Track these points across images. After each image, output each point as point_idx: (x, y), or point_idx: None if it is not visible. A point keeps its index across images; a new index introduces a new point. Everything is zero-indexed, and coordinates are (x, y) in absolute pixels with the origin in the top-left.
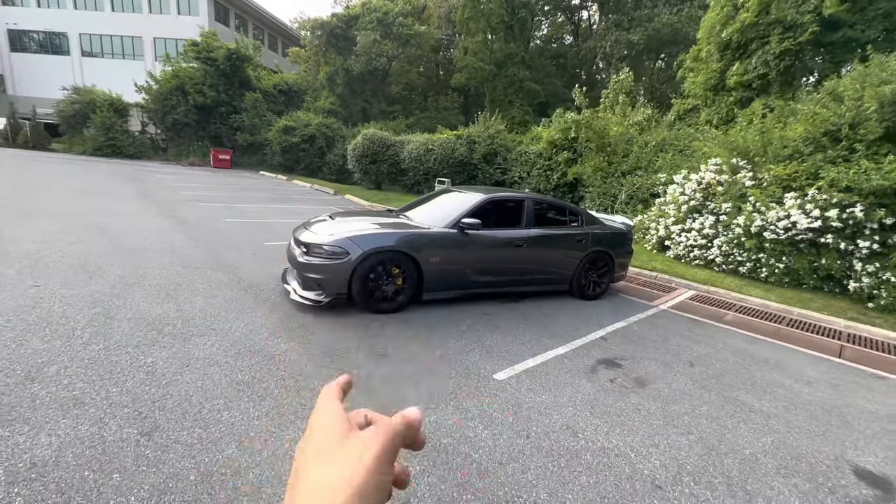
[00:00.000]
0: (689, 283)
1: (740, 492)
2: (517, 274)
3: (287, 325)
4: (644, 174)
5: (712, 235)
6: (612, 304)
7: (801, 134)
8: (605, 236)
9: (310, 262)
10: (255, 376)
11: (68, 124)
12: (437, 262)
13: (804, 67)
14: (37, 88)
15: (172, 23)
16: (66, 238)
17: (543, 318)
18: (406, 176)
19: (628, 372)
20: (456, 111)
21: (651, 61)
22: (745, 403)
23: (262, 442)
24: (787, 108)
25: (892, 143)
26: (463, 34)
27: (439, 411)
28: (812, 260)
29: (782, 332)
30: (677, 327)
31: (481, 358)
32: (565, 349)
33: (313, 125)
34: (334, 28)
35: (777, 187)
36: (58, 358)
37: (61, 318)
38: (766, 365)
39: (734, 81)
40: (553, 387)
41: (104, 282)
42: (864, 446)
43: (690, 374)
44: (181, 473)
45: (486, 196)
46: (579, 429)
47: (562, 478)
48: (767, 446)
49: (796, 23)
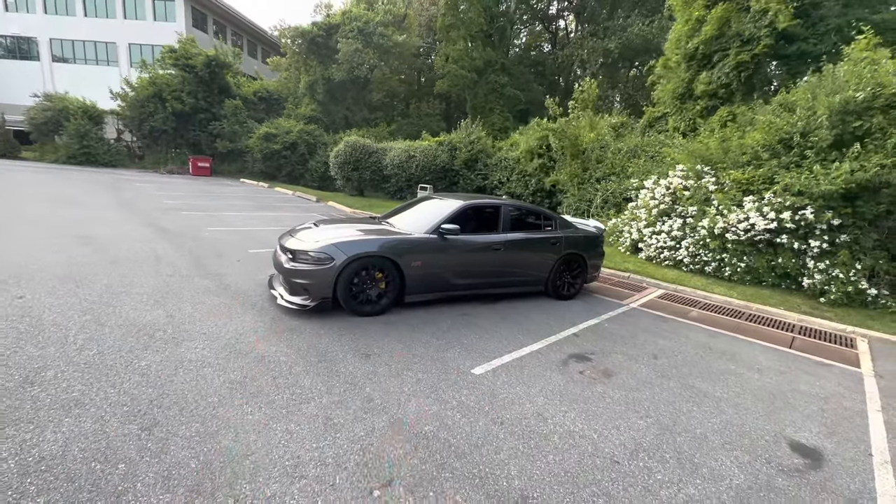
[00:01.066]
0: (658, 283)
1: (688, 464)
2: (495, 276)
3: (275, 329)
4: (617, 180)
5: (680, 237)
6: (585, 303)
7: (758, 141)
8: (578, 239)
9: (296, 268)
10: (247, 376)
11: (39, 132)
12: (418, 266)
13: (764, 78)
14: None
15: (148, 29)
16: (49, 248)
17: (520, 317)
18: (389, 182)
19: (597, 365)
20: (438, 117)
21: (626, 69)
22: (700, 390)
23: (257, 433)
24: (745, 117)
25: (839, 151)
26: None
27: (421, 403)
28: (770, 259)
29: (742, 326)
30: (645, 324)
31: (460, 355)
32: (539, 345)
33: (295, 132)
34: (315, 36)
35: (737, 191)
36: (54, 363)
37: (53, 326)
38: (723, 356)
39: (700, 90)
40: (526, 379)
41: (92, 290)
42: (801, 424)
43: (654, 366)
44: (182, 462)
45: (464, 203)
46: (549, 415)
47: (531, 457)
48: (716, 426)
49: (753, 36)
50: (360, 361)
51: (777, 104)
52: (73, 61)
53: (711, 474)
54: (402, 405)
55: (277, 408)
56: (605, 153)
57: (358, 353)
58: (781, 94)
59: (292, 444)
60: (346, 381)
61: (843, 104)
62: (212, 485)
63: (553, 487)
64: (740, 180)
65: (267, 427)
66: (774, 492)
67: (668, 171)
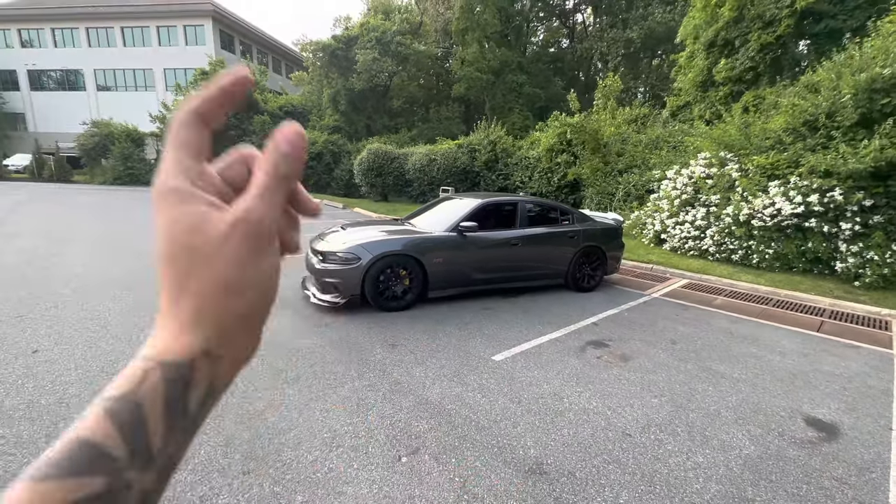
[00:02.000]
0: (682, 273)
1: (699, 437)
2: (514, 270)
3: (309, 324)
4: (639, 172)
5: (704, 226)
6: (606, 294)
7: (781, 125)
8: (595, 232)
9: (326, 268)
10: (286, 365)
11: (89, 156)
12: (440, 262)
13: (792, 58)
14: (56, 124)
15: (181, 53)
16: (107, 260)
17: (540, 309)
18: (411, 187)
19: (614, 350)
20: (457, 120)
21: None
22: (717, 372)
23: (298, 412)
24: (767, 102)
25: (866, 129)
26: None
27: (444, 386)
28: (799, 244)
29: (768, 311)
30: (666, 312)
31: (482, 344)
32: (558, 334)
33: (319, 143)
34: (335, 49)
35: (762, 176)
36: (125, 356)
37: (118, 325)
38: (744, 340)
39: (721, 77)
40: (545, 364)
41: (147, 295)
42: (820, 401)
43: (672, 351)
44: (237, 435)
45: (482, 201)
46: (564, 395)
47: (546, 430)
48: (731, 403)
49: (775, 18)
50: (387, 351)
51: (802, 85)
52: (115, 89)
53: (721, 445)
54: (427, 388)
55: (315, 391)
56: (626, 146)
57: (385, 344)
58: (807, 75)
59: (329, 420)
60: (375, 368)
61: (870, 82)
62: (263, 452)
63: (566, 456)
64: (764, 165)
65: (307, 406)
66: (784, 461)
67: (690, 160)
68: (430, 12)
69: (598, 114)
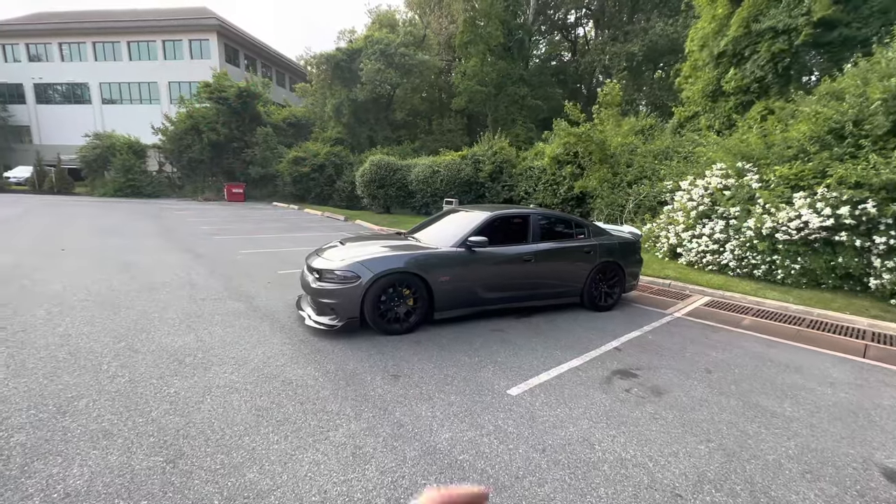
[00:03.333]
0: (703, 290)
1: (764, 498)
2: (527, 288)
3: (303, 351)
4: (650, 183)
5: (724, 240)
6: (625, 314)
7: (804, 133)
8: (613, 246)
9: (322, 288)
10: (273, 402)
11: (90, 168)
12: (446, 281)
13: (802, 68)
14: (61, 136)
15: (186, 67)
16: (92, 276)
17: (556, 331)
18: (414, 198)
19: (644, 381)
20: (460, 132)
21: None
22: (765, 408)
23: (283, 465)
24: (785, 110)
25: None
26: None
27: (454, 429)
28: (828, 259)
29: (803, 333)
30: (693, 334)
31: (494, 374)
32: (579, 361)
33: (322, 154)
34: (339, 61)
35: (785, 188)
36: (87, 392)
37: (89, 354)
38: (786, 368)
39: (731, 87)
40: (568, 400)
41: (128, 317)
42: (893, 447)
43: (708, 381)
44: (206, 498)
45: (491, 214)
46: (595, 440)
47: (579, 490)
48: (791, 451)
49: (789, 27)
50: (389, 384)
51: (822, 93)
52: (121, 102)
53: None
54: (435, 432)
55: (304, 436)
56: (635, 156)
57: (387, 375)
58: (825, 83)
59: (319, 476)
60: (375, 406)
61: None
62: None
63: None
64: (787, 176)
65: (293, 458)
66: None
67: (704, 170)
68: (434, 26)
69: (603, 123)
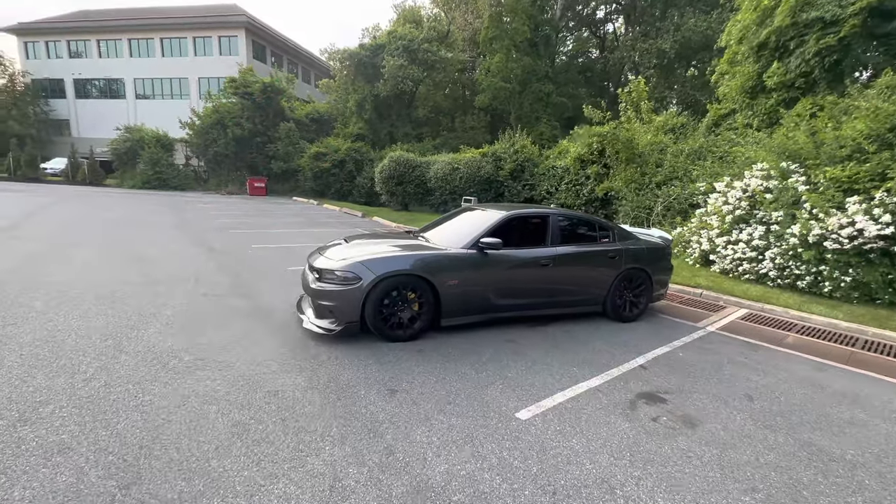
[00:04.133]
0: (739, 301)
1: None
2: (544, 295)
3: (296, 357)
4: (681, 184)
5: (763, 247)
6: (651, 326)
7: (861, 131)
8: (640, 252)
9: (322, 289)
10: (253, 416)
11: (121, 161)
12: (455, 284)
13: (855, 62)
14: (98, 130)
15: (215, 63)
16: (99, 268)
17: (574, 343)
18: (433, 196)
19: (674, 409)
20: (483, 130)
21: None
22: (821, 449)
23: (248, 498)
24: (838, 107)
25: None
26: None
27: (452, 459)
28: (886, 272)
29: (856, 356)
30: (730, 352)
31: (503, 393)
32: (599, 381)
33: (343, 150)
34: (362, 58)
35: (836, 191)
36: (56, 397)
37: (72, 352)
38: (842, 398)
39: (774, 82)
40: (585, 428)
41: (123, 312)
42: None
43: (750, 411)
44: None
45: (507, 213)
46: (617, 483)
47: None
48: None
49: (837, 18)
50: (384, 399)
51: (883, 86)
52: (153, 97)
53: None
54: (429, 462)
55: (279, 461)
56: (665, 156)
57: (383, 389)
58: (887, 75)
59: None
60: (364, 426)
61: None
62: None
63: None
64: (840, 178)
65: (261, 489)
66: None
67: (742, 171)
68: (459, 21)
69: (630, 122)
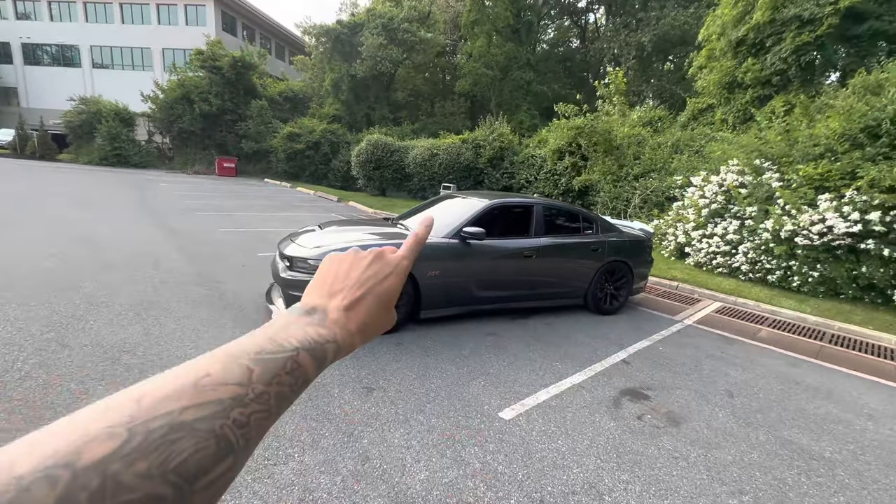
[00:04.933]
0: (713, 294)
1: None
2: (526, 287)
3: None
4: (658, 177)
5: (737, 241)
6: (631, 319)
7: (834, 130)
8: (622, 245)
9: (293, 279)
10: None
11: (75, 134)
12: (435, 275)
13: (827, 62)
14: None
15: (180, 33)
16: (46, 250)
17: (555, 336)
18: (411, 181)
19: (658, 406)
20: (462, 116)
21: (660, 62)
22: (801, 447)
23: None
24: (813, 105)
25: None
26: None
27: (433, 465)
28: (851, 268)
29: (826, 351)
30: (708, 346)
31: (485, 390)
32: (582, 376)
33: (318, 131)
34: (339, 34)
35: (809, 188)
36: None
37: (6, 346)
38: (816, 393)
39: (749, 77)
40: (570, 428)
41: (69, 301)
42: None
43: (731, 408)
44: None
45: (490, 202)
46: (605, 488)
47: None
48: None
49: (815, 17)
50: (360, 399)
51: (857, 86)
52: (112, 67)
53: None
54: (408, 468)
55: (242, 472)
56: (643, 148)
57: (359, 387)
58: (860, 75)
59: None
60: (338, 429)
61: None
62: None
63: None
64: (812, 175)
65: (225, 503)
66: None
67: (718, 166)
68: (440, 2)
69: (608, 114)
